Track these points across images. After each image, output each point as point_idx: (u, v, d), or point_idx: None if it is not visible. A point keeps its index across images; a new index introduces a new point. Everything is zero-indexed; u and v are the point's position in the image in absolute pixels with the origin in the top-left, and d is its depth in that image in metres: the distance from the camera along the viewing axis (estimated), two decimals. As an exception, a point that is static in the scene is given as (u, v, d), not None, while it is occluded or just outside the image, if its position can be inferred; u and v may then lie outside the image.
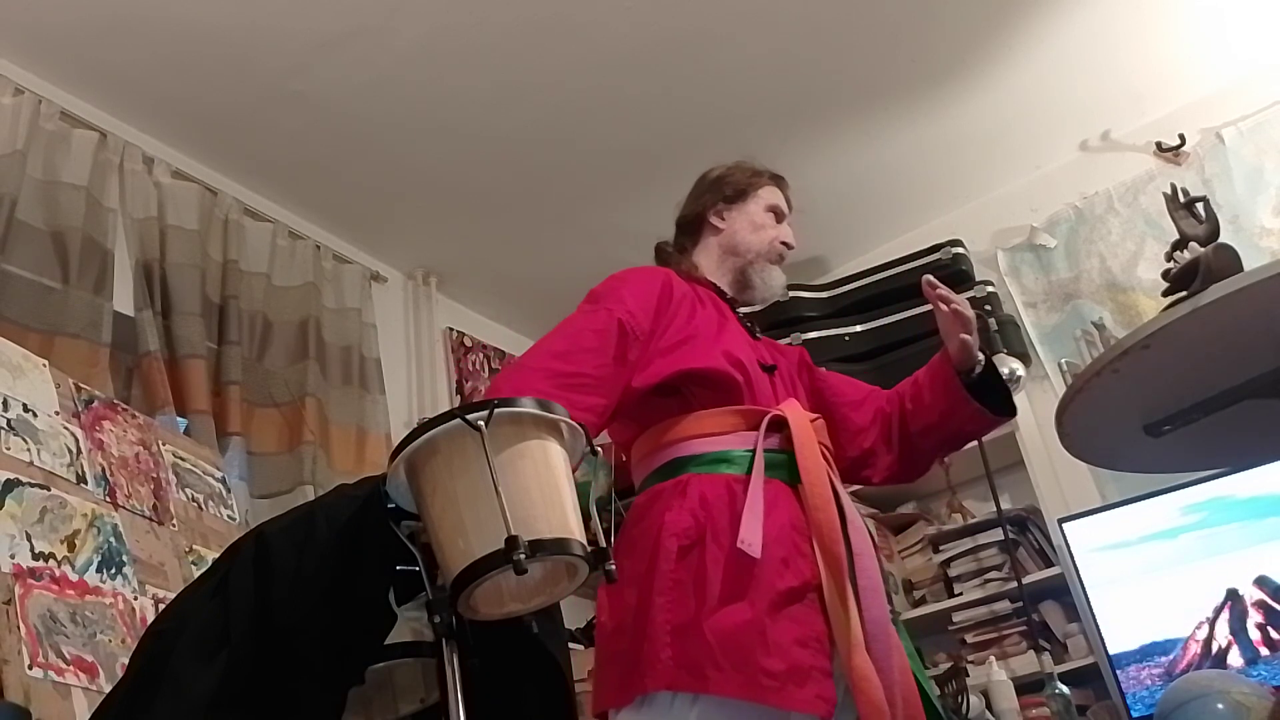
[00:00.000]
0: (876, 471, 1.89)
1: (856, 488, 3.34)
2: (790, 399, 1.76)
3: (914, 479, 1.98)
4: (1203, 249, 2.10)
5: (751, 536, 1.49)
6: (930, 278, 1.78)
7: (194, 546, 2.21)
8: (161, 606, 1.86)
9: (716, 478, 1.59)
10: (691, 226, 1.99)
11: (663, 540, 1.52)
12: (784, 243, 1.96)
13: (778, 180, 2.02)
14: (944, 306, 1.74)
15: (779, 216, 1.98)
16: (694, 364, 1.68)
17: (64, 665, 1.69)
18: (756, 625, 1.44)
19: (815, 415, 1.77)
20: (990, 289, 3.53)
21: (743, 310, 1.95)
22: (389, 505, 1.46)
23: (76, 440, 2.03)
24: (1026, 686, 2.84)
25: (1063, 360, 3.39)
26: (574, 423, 1.44)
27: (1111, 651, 2.64)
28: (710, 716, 1.41)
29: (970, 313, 1.76)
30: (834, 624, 1.48)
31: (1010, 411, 1.84)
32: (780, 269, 1.97)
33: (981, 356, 1.80)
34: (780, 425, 1.66)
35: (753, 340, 1.87)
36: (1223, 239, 2.15)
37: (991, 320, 3.28)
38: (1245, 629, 2.44)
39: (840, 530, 1.56)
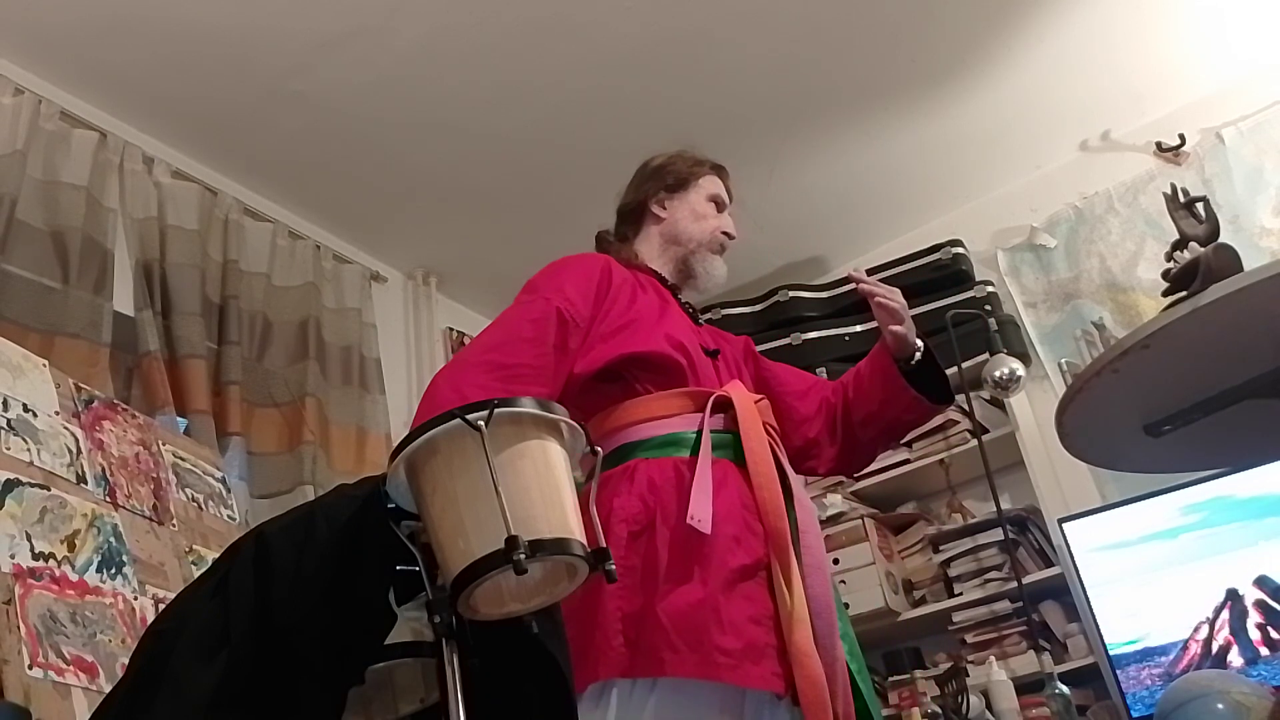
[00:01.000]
0: (821, 462, 1.90)
1: (858, 486, 3.37)
2: (734, 380, 1.76)
3: (856, 471, 2.01)
4: (1203, 249, 2.10)
5: (701, 512, 1.48)
6: (855, 270, 1.80)
7: (194, 546, 2.21)
8: (161, 606, 1.86)
9: (664, 461, 1.59)
10: (633, 215, 1.99)
11: (612, 526, 1.51)
12: (725, 232, 1.96)
13: (719, 170, 2.03)
14: (872, 299, 1.75)
15: (720, 206, 1.98)
16: (636, 348, 1.67)
17: (64, 665, 1.69)
18: (710, 603, 1.43)
19: (760, 396, 1.77)
20: (990, 289, 3.53)
21: (703, 303, 1.96)
22: (389, 505, 1.46)
23: (76, 440, 2.03)
24: (1026, 686, 2.84)
25: (1063, 360, 3.39)
26: (574, 423, 1.44)
27: (1111, 651, 2.64)
28: (669, 701, 1.41)
29: (898, 303, 1.77)
30: (778, 601, 1.47)
31: (947, 399, 1.86)
32: (722, 259, 1.97)
33: (920, 344, 1.80)
34: (725, 406, 1.66)
35: (695, 326, 1.87)
36: (1223, 239, 2.15)
37: (991, 320, 3.28)
38: (1245, 629, 2.44)
39: (784, 508, 1.56)
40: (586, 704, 1.44)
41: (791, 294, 3.65)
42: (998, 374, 3.09)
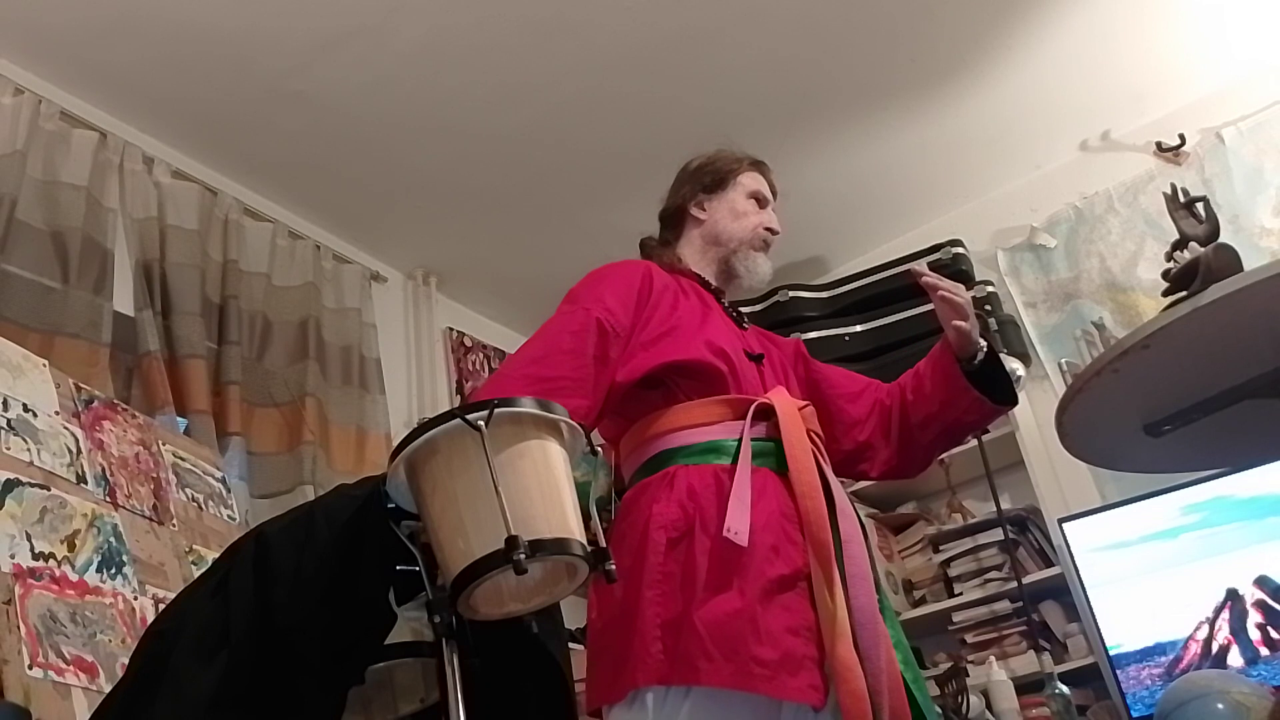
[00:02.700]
0: (874, 465, 1.86)
1: (859, 486, 3.37)
2: (778, 386, 1.73)
3: (913, 474, 1.94)
4: (1203, 249, 2.10)
5: (738, 524, 1.46)
6: (918, 265, 1.77)
7: (194, 546, 2.21)
8: (161, 606, 1.86)
9: (704, 468, 1.57)
10: (673, 219, 1.98)
11: (650, 533, 1.50)
12: (768, 228, 1.93)
13: (759, 165, 1.99)
14: (935, 293, 1.72)
15: (761, 202, 1.95)
16: (676, 356, 1.66)
17: (64, 665, 1.69)
18: (747, 613, 1.42)
19: (804, 402, 1.74)
20: (990, 289, 3.53)
21: (735, 301, 1.94)
22: (389, 505, 1.46)
23: (76, 440, 2.03)
24: (1026, 686, 2.84)
25: (1063, 360, 3.39)
26: (574, 423, 1.44)
27: (1111, 651, 2.64)
28: (702, 710, 1.40)
29: (963, 298, 1.73)
30: (820, 612, 1.45)
31: (1011, 400, 1.82)
32: (766, 256, 1.93)
33: (983, 344, 1.78)
34: (767, 413, 1.64)
35: (739, 329, 1.84)
36: (1223, 239, 2.15)
37: (991, 320, 3.28)
38: (1245, 629, 2.44)
39: (828, 518, 1.54)
40: (621, 711, 1.44)
41: (791, 294, 3.65)
42: (998, 374, 3.08)
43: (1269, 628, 2.42)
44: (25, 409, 1.94)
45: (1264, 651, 2.41)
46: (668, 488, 1.55)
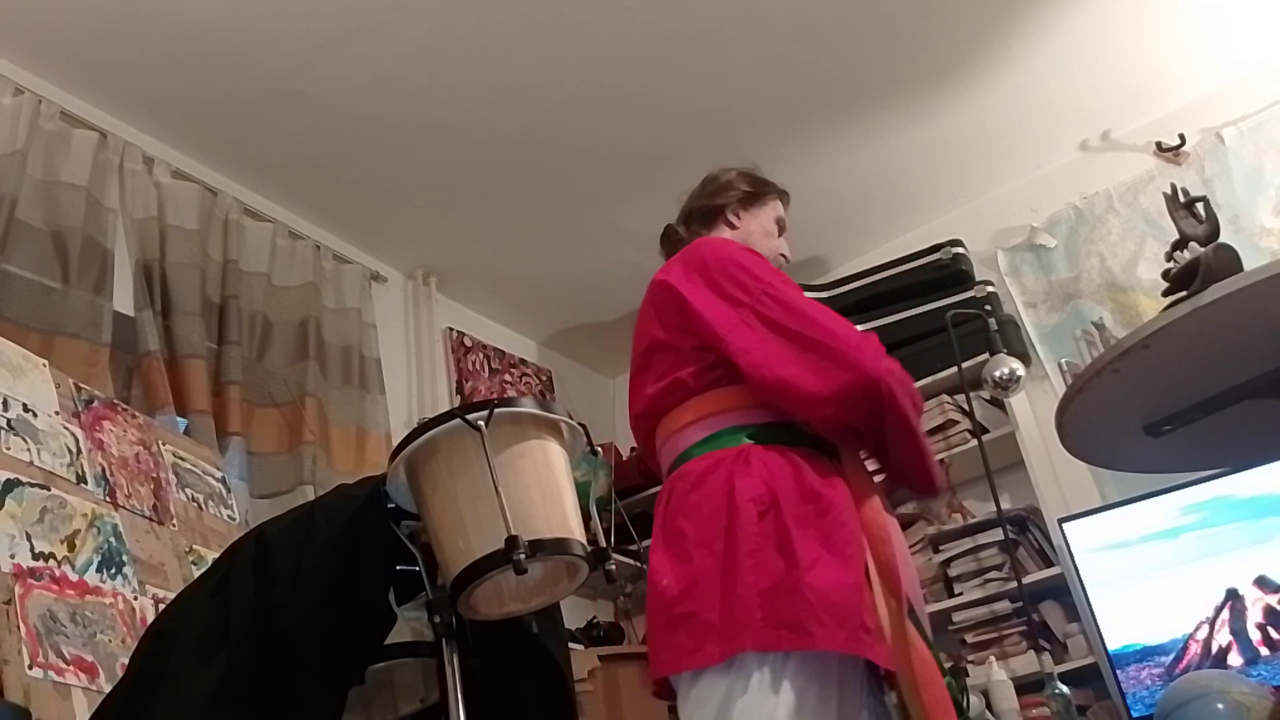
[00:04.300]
0: None
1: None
2: None
3: None
4: (1203, 249, 2.10)
5: (912, 590, 1.54)
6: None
7: (194, 546, 2.21)
8: (161, 606, 1.86)
9: (774, 449, 1.61)
10: (708, 218, 2.01)
11: (739, 505, 1.52)
12: (783, 254, 2.01)
13: (784, 196, 2.06)
14: None
15: (781, 229, 2.02)
16: None
17: (64, 665, 1.69)
18: (857, 585, 1.48)
19: None
20: (990, 289, 3.53)
21: None
22: (389, 505, 1.46)
23: (76, 440, 2.03)
24: (1026, 686, 2.84)
25: (1063, 360, 3.39)
26: (573, 423, 1.44)
27: (1111, 651, 2.64)
28: (802, 674, 1.44)
29: None
30: (886, 612, 1.50)
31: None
32: None
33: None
34: None
35: None
36: (1223, 239, 2.15)
37: (991, 320, 3.28)
38: (1245, 629, 2.44)
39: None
40: (717, 674, 1.45)
41: (791, 294, 3.64)
42: (998, 374, 3.09)
43: (1269, 628, 2.42)
44: (25, 409, 1.94)
45: (1264, 651, 2.41)
46: (745, 464, 1.58)
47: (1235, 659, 2.43)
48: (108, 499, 2.01)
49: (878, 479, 1.72)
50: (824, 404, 1.56)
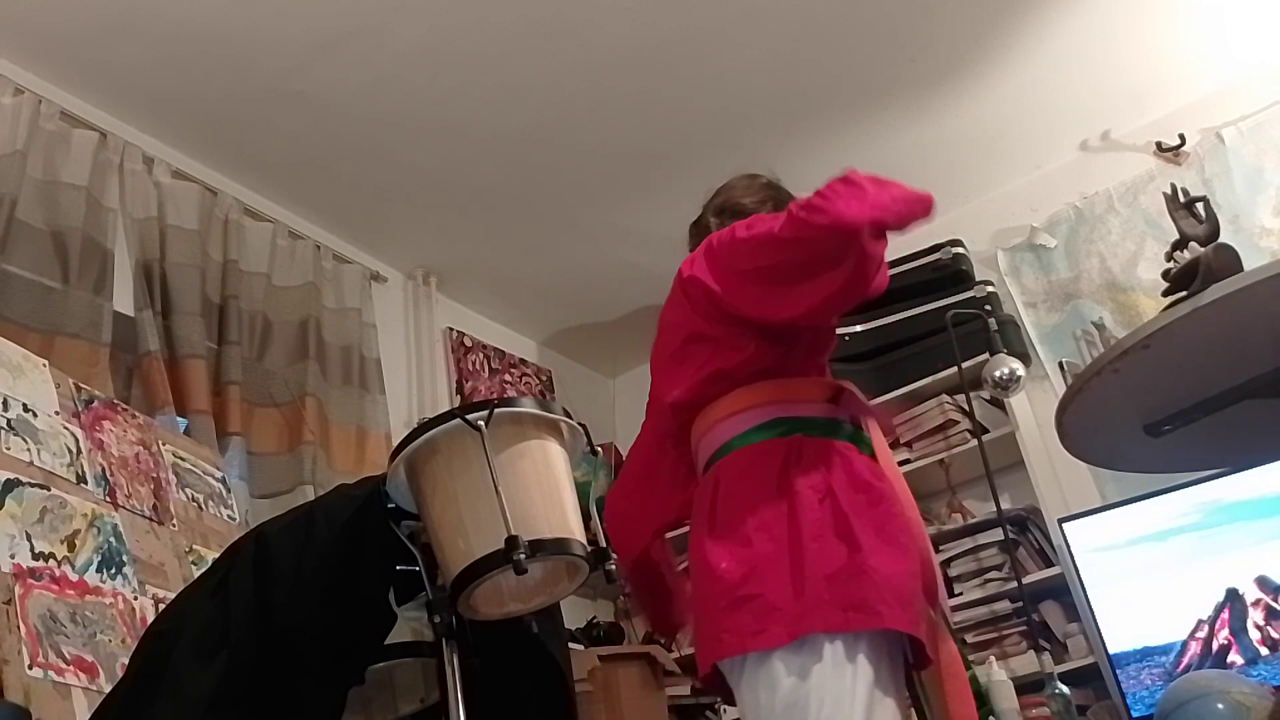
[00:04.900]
0: None
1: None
2: None
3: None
4: (1203, 249, 2.10)
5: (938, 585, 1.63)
6: None
7: (194, 546, 2.21)
8: (161, 606, 1.87)
9: (821, 441, 1.64)
10: (743, 215, 2.01)
11: (799, 490, 1.55)
12: None
13: None
14: None
15: None
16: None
17: (64, 665, 1.69)
18: (913, 574, 1.53)
19: None
20: (990, 289, 3.53)
21: None
22: (389, 505, 1.46)
23: (76, 440, 2.03)
24: (1026, 686, 2.84)
25: (1063, 360, 3.39)
26: (573, 423, 1.44)
27: (1111, 651, 2.64)
28: (873, 652, 1.47)
29: None
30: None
31: None
32: None
33: None
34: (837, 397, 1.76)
35: None
36: (1223, 239, 2.15)
37: (991, 320, 3.28)
38: (1245, 629, 2.44)
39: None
40: (788, 655, 1.47)
41: (791, 294, 3.64)
42: (998, 374, 3.09)
43: (1269, 628, 2.42)
44: (25, 409, 1.94)
45: (1264, 651, 2.41)
46: (798, 453, 1.61)
47: (1235, 659, 2.43)
48: (108, 499, 2.01)
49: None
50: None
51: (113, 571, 1.91)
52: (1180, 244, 2.17)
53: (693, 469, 1.84)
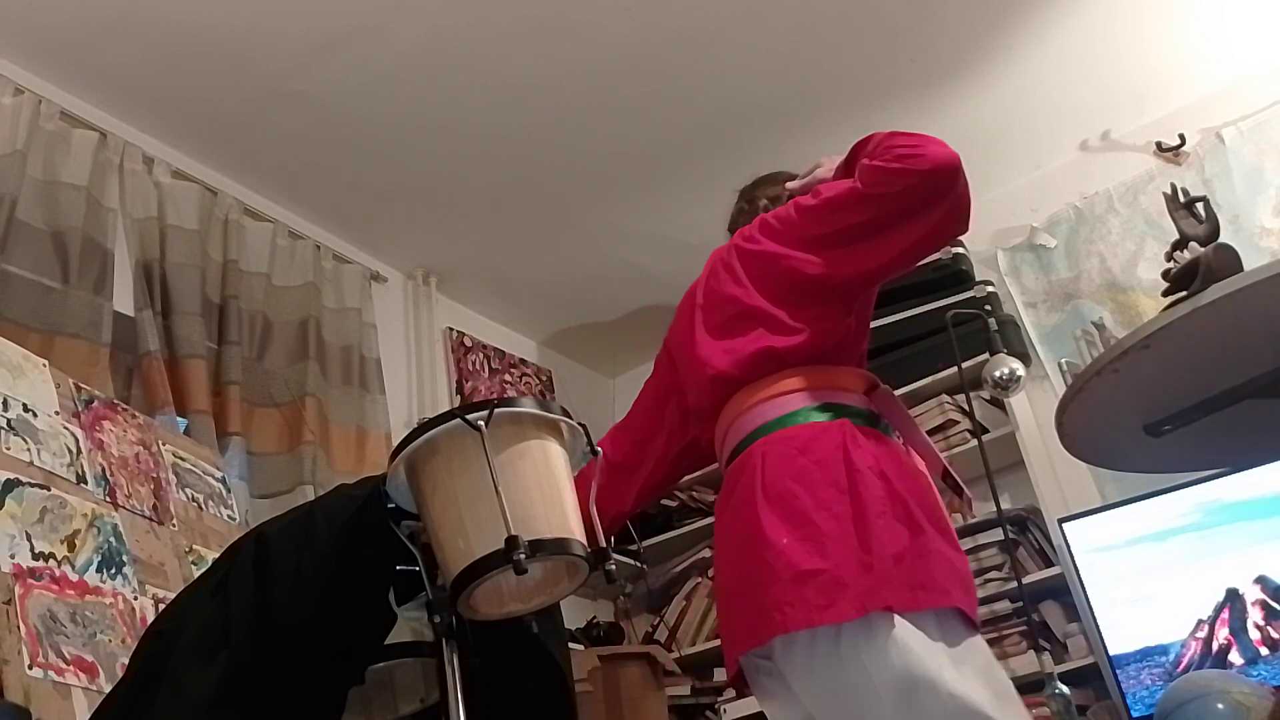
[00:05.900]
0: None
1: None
2: None
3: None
4: (1203, 249, 2.10)
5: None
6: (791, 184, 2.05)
7: (194, 546, 2.21)
8: (161, 606, 1.87)
9: (870, 429, 1.67)
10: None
11: (860, 469, 1.57)
12: None
13: None
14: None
15: None
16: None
17: (64, 665, 1.69)
18: (966, 562, 1.60)
19: None
20: (990, 289, 3.52)
21: None
22: (389, 505, 1.46)
23: (76, 440, 2.03)
24: (1026, 686, 2.83)
25: (1063, 360, 3.39)
26: (573, 423, 1.44)
27: (1111, 651, 2.64)
28: (942, 629, 1.49)
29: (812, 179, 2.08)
30: None
31: None
32: None
33: None
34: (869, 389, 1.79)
35: None
36: (1223, 239, 2.15)
37: (991, 320, 3.28)
38: (1245, 629, 2.44)
39: None
40: (856, 630, 1.48)
41: (791, 294, 3.64)
42: (998, 374, 3.09)
43: (1269, 628, 2.42)
44: (25, 409, 1.94)
45: (1264, 651, 2.41)
46: (853, 436, 1.62)
47: (1235, 659, 2.43)
48: (108, 499, 2.01)
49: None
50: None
51: (113, 571, 1.91)
52: (1180, 244, 2.17)
53: (685, 449, 1.92)
